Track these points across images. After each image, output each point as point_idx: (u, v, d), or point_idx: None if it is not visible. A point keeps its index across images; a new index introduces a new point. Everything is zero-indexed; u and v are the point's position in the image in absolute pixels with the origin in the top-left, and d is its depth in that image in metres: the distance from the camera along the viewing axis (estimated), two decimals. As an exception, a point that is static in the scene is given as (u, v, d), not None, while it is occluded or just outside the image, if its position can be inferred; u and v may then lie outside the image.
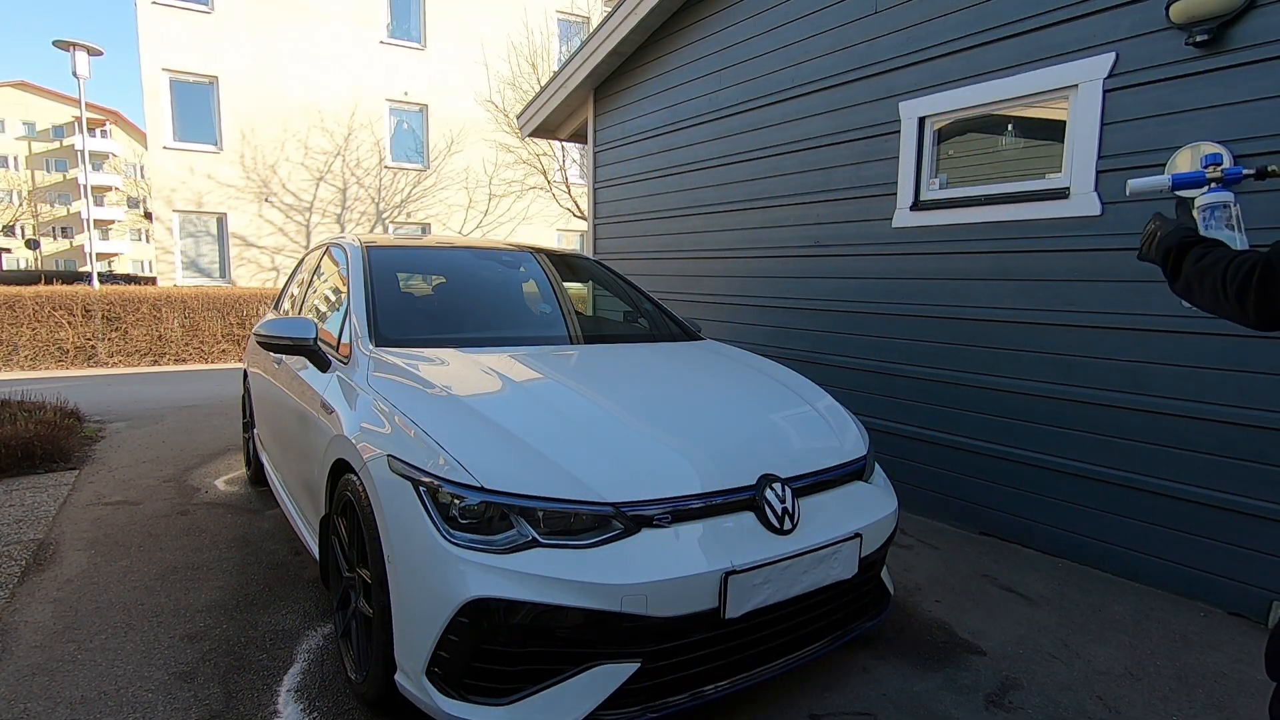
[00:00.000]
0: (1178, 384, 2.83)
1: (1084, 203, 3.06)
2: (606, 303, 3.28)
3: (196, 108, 15.00)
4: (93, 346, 10.18)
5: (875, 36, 3.91)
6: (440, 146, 17.63)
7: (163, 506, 3.76)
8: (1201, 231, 1.24)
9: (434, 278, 3.32)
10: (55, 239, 52.06)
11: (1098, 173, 3.03)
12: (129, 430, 5.70)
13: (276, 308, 4.21)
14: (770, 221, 4.67)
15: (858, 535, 1.99)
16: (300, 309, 3.51)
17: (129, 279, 24.78)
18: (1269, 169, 1.22)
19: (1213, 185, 1.23)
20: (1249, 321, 1.07)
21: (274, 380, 3.22)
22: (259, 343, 2.69)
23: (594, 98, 6.43)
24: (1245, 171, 1.22)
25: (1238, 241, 1.19)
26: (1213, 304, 1.12)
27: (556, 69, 7.93)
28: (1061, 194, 3.15)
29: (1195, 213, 1.26)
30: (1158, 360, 2.88)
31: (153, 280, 18.56)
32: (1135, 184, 1.38)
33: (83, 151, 12.28)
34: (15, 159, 50.33)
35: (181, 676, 2.16)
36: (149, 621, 2.50)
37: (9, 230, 48.01)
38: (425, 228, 17.72)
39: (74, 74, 11.76)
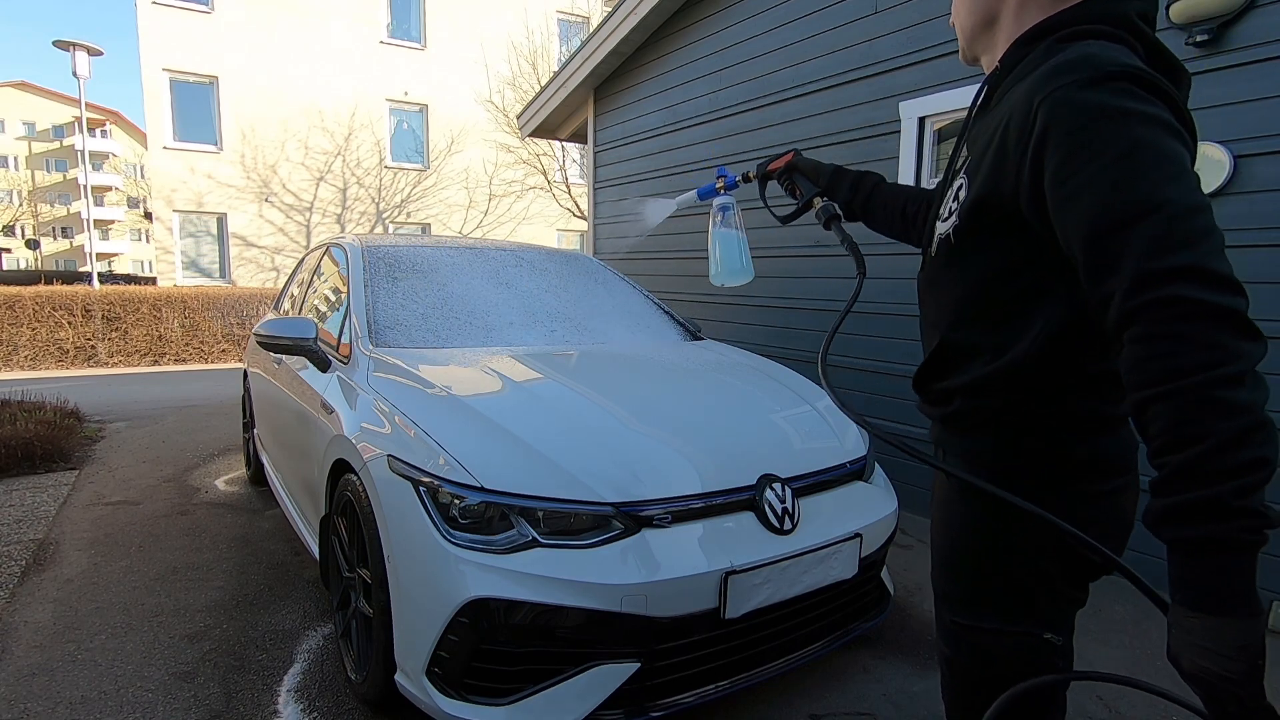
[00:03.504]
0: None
1: (1084, 203, 3.06)
2: (606, 303, 3.28)
3: (196, 108, 15.00)
4: (93, 346, 10.18)
5: (875, 36, 3.91)
6: (440, 146, 17.63)
7: (163, 506, 3.76)
8: (718, 227, 1.64)
9: (434, 278, 3.31)
10: (55, 239, 52.06)
11: (1098, 173, 3.03)
12: (129, 430, 5.70)
13: (276, 308, 4.21)
14: (770, 221, 4.66)
15: (858, 535, 1.99)
16: (300, 309, 3.51)
17: (129, 279, 24.78)
18: (747, 174, 1.58)
19: (720, 192, 1.62)
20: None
21: (274, 380, 3.22)
22: (259, 343, 2.69)
23: (594, 98, 6.43)
24: (737, 178, 1.60)
25: (736, 237, 1.63)
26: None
27: (556, 69, 7.93)
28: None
29: (712, 214, 1.64)
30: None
31: (153, 280, 18.56)
32: (679, 199, 1.75)
33: (83, 151, 12.28)
34: (15, 159, 50.33)
35: (181, 676, 2.16)
36: (149, 621, 2.50)
37: (9, 230, 48.01)
38: (425, 228, 17.72)
39: (74, 74, 11.76)
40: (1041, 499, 0.91)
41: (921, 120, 3.72)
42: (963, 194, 0.97)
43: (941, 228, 1.03)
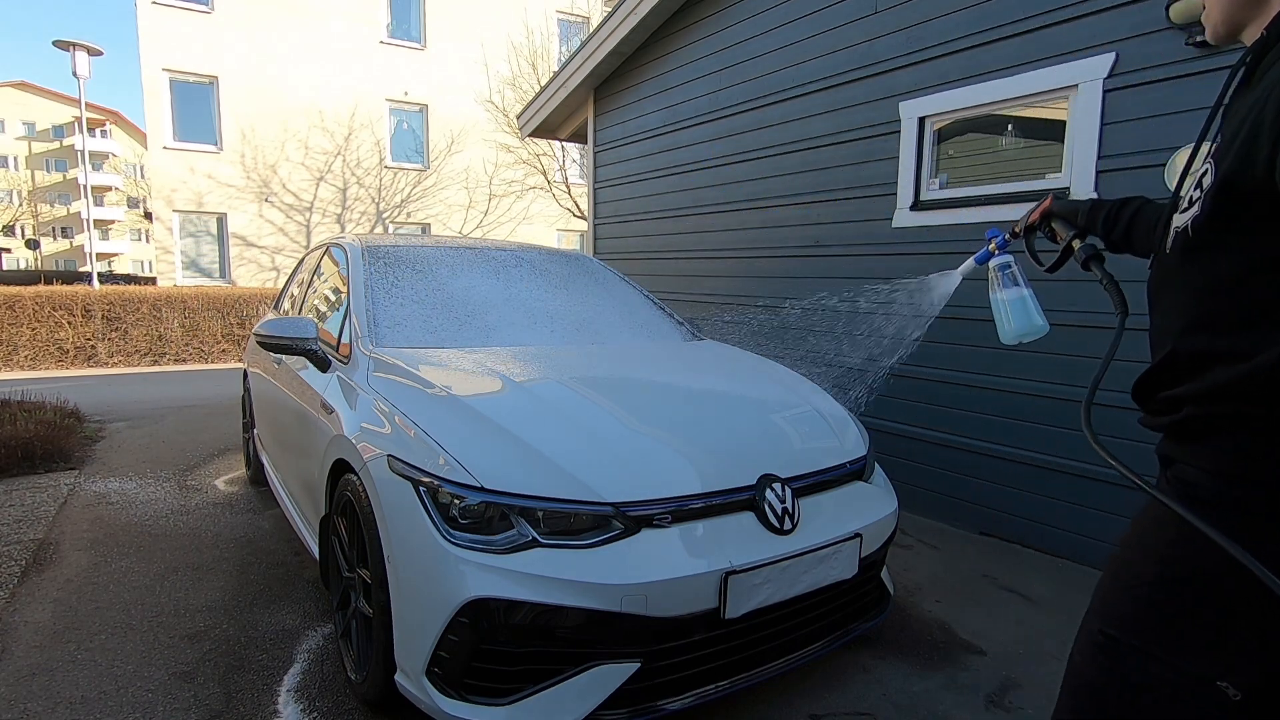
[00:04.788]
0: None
1: (1084, 203, 3.06)
2: (606, 303, 3.28)
3: (196, 108, 15.01)
4: (93, 346, 10.18)
5: (875, 36, 3.91)
6: (440, 146, 17.63)
7: (163, 507, 3.76)
8: (1001, 289, 1.61)
9: (434, 278, 3.31)
10: (55, 239, 52.06)
11: (1098, 173, 3.03)
12: (129, 430, 5.70)
13: (276, 308, 4.21)
14: (770, 221, 4.67)
15: (858, 535, 1.99)
16: (300, 309, 3.51)
17: (129, 279, 24.79)
18: (1014, 229, 1.55)
19: (995, 253, 1.62)
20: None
21: (274, 380, 3.22)
22: (259, 343, 2.69)
23: (594, 98, 6.43)
24: (1005, 235, 1.60)
25: (1023, 295, 1.59)
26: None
27: (556, 69, 7.94)
28: (1062, 194, 3.15)
29: (991, 276, 1.63)
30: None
31: (153, 280, 18.56)
32: (960, 270, 1.77)
33: (83, 151, 12.29)
34: (15, 159, 50.32)
35: (181, 676, 2.16)
36: (149, 621, 2.50)
37: (9, 230, 48.01)
38: (425, 228, 17.72)
39: (74, 74, 11.77)
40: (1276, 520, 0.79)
41: (921, 120, 3.72)
42: (1207, 180, 0.86)
43: (1179, 220, 0.92)
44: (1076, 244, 1.36)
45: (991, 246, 1.63)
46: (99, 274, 16.30)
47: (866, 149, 4.01)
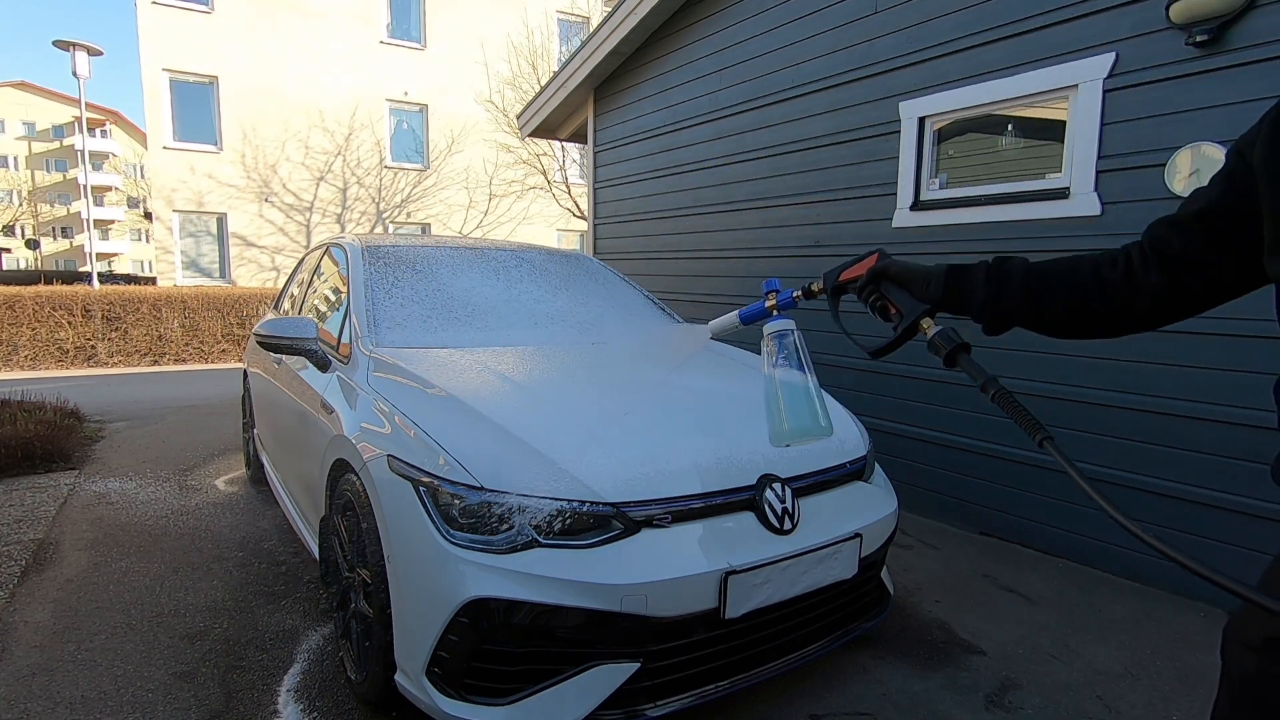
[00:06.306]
0: (1177, 384, 2.84)
1: (1084, 203, 3.06)
2: (607, 303, 3.28)
3: (196, 108, 15.01)
4: (93, 346, 10.18)
5: (875, 36, 3.91)
6: (440, 146, 17.63)
7: (163, 507, 3.76)
8: (776, 366, 1.20)
9: (434, 278, 3.31)
10: (55, 239, 52.05)
11: (1098, 173, 3.03)
12: (129, 430, 5.70)
13: (276, 308, 4.21)
14: (770, 221, 4.67)
15: (858, 535, 1.99)
16: (300, 309, 3.51)
17: (129, 279, 24.80)
18: (811, 287, 1.19)
19: (774, 314, 1.22)
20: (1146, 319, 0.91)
21: (274, 380, 3.22)
22: (259, 343, 2.69)
23: (594, 98, 6.43)
24: (795, 293, 1.19)
25: (804, 383, 1.18)
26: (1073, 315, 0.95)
27: (556, 69, 7.94)
28: (1061, 194, 3.15)
29: (766, 343, 1.24)
30: (1157, 360, 2.88)
31: (153, 280, 18.56)
32: (712, 325, 1.37)
33: (83, 151, 12.29)
34: (15, 159, 50.33)
35: (181, 676, 2.16)
36: (149, 621, 2.50)
37: (9, 230, 48.02)
38: (425, 228, 17.72)
39: (74, 74, 11.77)
40: None
41: (921, 120, 3.72)
42: None
43: None
44: (929, 324, 1.01)
45: (770, 303, 1.20)
46: (99, 274, 16.31)
47: (866, 149, 4.01)
